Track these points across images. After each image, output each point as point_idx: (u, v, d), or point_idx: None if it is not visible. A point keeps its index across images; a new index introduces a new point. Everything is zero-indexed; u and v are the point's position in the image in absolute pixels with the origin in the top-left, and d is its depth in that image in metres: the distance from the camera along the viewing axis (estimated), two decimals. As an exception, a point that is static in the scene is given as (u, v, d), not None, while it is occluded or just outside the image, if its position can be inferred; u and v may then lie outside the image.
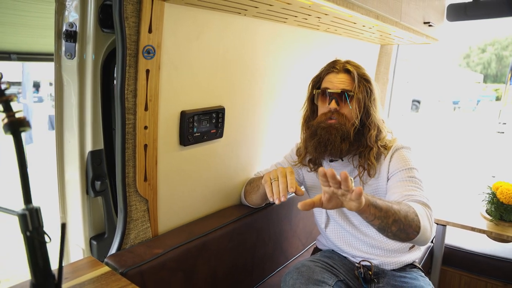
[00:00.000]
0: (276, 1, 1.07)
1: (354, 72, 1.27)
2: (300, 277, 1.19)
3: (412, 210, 1.05)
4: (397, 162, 1.27)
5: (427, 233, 1.07)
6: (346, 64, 1.32)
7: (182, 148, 1.27)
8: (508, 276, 1.81)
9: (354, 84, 1.26)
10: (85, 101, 1.09)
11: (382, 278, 1.35)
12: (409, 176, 1.23)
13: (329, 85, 1.29)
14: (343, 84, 1.27)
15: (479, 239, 1.97)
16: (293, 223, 1.78)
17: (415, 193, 1.17)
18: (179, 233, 1.26)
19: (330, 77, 1.30)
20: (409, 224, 1.02)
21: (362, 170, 1.30)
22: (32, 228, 0.59)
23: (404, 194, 1.17)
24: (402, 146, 1.30)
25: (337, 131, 1.24)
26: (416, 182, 1.22)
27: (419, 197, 1.15)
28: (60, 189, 1.19)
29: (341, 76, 1.29)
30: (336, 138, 1.23)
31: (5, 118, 0.56)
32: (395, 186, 1.23)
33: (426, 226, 1.06)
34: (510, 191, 1.62)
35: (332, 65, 1.33)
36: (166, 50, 1.10)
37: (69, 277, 0.95)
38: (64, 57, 1.06)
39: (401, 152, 1.29)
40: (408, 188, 1.19)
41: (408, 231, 1.03)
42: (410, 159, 1.27)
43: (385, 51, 2.50)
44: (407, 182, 1.22)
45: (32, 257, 0.60)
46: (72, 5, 1.02)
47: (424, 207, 1.11)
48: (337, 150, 1.25)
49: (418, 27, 1.76)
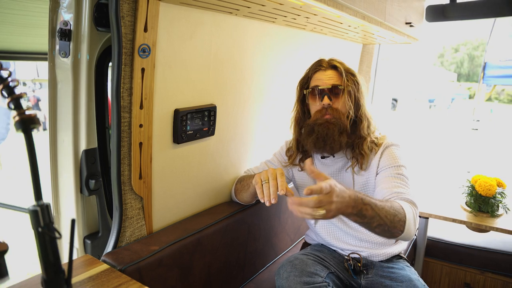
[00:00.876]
0: (269, 1, 1.10)
1: (341, 67, 1.32)
2: (294, 270, 1.22)
3: (402, 212, 1.10)
4: (386, 158, 1.32)
5: (411, 232, 1.13)
6: (331, 61, 1.37)
7: (176, 146, 1.28)
8: (485, 264, 1.91)
9: (342, 78, 1.31)
10: (79, 100, 1.09)
11: (371, 269, 1.40)
12: (397, 173, 1.29)
13: (318, 83, 1.33)
14: (332, 80, 1.32)
15: (459, 231, 2.07)
16: (282, 219, 1.81)
17: (403, 190, 1.23)
18: (173, 230, 1.27)
19: (318, 75, 1.35)
20: (394, 226, 1.07)
21: (355, 162, 1.34)
22: (43, 224, 0.60)
23: (393, 191, 1.22)
24: (392, 144, 1.36)
25: (334, 126, 1.28)
26: (403, 180, 1.27)
27: (407, 195, 1.20)
28: (54, 188, 1.19)
29: (329, 72, 1.33)
30: (334, 132, 1.27)
31: (16, 115, 0.57)
32: (383, 182, 1.28)
33: (410, 226, 1.11)
34: (487, 184, 1.71)
35: (318, 63, 1.38)
36: (161, 49, 1.11)
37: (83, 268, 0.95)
38: (59, 55, 1.05)
39: (391, 149, 1.34)
40: (396, 184, 1.25)
41: (392, 231, 1.08)
42: (399, 156, 1.33)
43: (367, 50, 2.57)
44: (395, 178, 1.27)
45: (43, 253, 0.61)
46: (67, 4, 1.01)
47: (411, 206, 1.17)
48: (337, 144, 1.28)
49: (400, 27, 1.83)
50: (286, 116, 1.88)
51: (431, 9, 2.22)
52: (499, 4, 1.93)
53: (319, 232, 1.50)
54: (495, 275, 1.88)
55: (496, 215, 1.73)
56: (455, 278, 2.00)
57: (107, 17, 1.04)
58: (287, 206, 1.80)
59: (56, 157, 1.16)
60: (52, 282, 0.62)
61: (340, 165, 1.40)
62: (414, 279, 1.33)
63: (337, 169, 1.41)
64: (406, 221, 1.09)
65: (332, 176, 1.41)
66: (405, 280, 1.32)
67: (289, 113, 1.50)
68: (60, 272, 0.63)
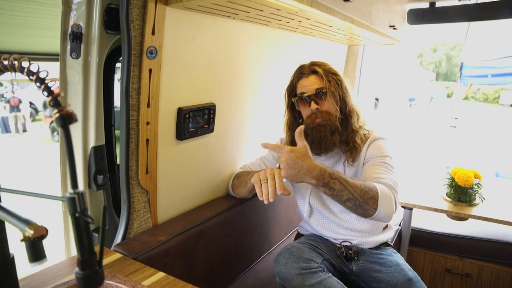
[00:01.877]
0: (267, 7, 1.18)
1: (321, 71, 1.41)
2: (291, 257, 1.31)
3: (374, 190, 1.20)
4: (373, 149, 1.43)
5: (387, 212, 1.22)
6: (311, 66, 1.45)
7: (179, 142, 1.35)
8: (463, 250, 2.05)
9: (324, 81, 1.40)
10: (89, 99, 1.15)
11: (361, 256, 1.51)
12: (381, 161, 1.39)
13: (303, 90, 1.43)
14: (315, 85, 1.41)
15: (440, 221, 2.20)
16: (276, 212, 1.90)
17: (383, 176, 1.32)
18: (177, 223, 1.34)
19: (302, 82, 1.44)
20: (366, 202, 1.18)
21: (349, 155, 1.44)
22: (79, 210, 0.67)
23: (373, 176, 1.32)
24: (379, 137, 1.47)
25: (325, 127, 1.37)
26: (387, 167, 1.37)
27: (386, 180, 1.30)
28: (63, 183, 1.24)
29: (311, 78, 1.43)
30: (326, 134, 1.37)
31: (56, 112, 0.64)
32: (366, 170, 1.39)
33: (384, 205, 1.20)
34: (466, 176, 1.85)
35: (300, 71, 1.47)
36: (166, 50, 1.18)
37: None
38: (70, 57, 1.11)
39: (377, 142, 1.45)
40: (377, 171, 1.35)
41: (365, 208, 1.20)
42: (385, 148, 1.44)
43: (352, 51, 2.69)
44: (378, 166, 1.37)
45: (79, 236, 0.67)
46: (78, 8, 1.07)
47: (388, 188, 1.26)
48: (331, 144, 1.39)
49: (384, 30, 1.94)
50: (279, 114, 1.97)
51: (413, 12, 2.35)
52: (474, 9, 2.08)
53: (312, 224, 1.60)
54: (473, 260, 2.03)
55: (473, 204, 1.87)
56: (437, 264, 2.13)
57: (116, 21, 1.11)
58: (280, 201, 1.90)
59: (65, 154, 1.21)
60: (86, 263, 0.69)
61: (333, 161, 1.50)
62: (401, 263, 1.44)
63: (331, 163, 1.50)
64: (379, 199, 1.19)
65: None
66: (393, 265, 1.43)
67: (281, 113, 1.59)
68: (93, 254, 0.70)
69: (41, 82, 0.65)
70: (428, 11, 2.30)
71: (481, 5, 2.08)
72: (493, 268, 1.97)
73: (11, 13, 1.53)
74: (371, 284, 1.42)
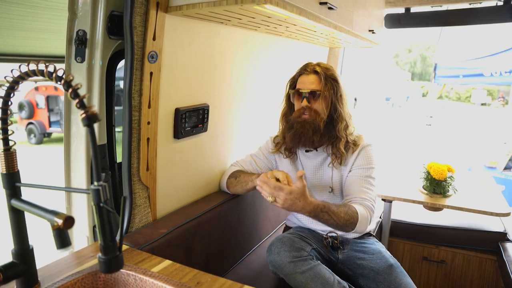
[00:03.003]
0: (258, 14, 1.28)
1: (322, 73, 1.52)
2: (283, 246, 1.41)
3: (355, 217, 1.38)
4: (361, 158, 1.54)
5: (362, 229, 1.43)
6: (315, 67, 1.55)
7: (176, 141, 1.43)
8: (439, 239, 2.21)
9: (321, 83, 1.51)
10: (92, 101, 1.21)
11: (346, 245, 1.62)
12: (366, 175, 1.52)
13: (301, 86, 1.53)
14: (313, 85, 1.51)
15: (417, 212, 2.36)
16: (264, 207, 2.00)
17: (366, 196, 1.48)
18: (175, 217, 1.42)
19: (302, 79, 1.54)
20: (346, 226, 1.37)
21: (334, 158, 1.55)
22: (103, 200, 0.75)
23: (360, 196, 1.47)
24: (368, 144, 1.58)
25: (309, 125, 1.48)
26: (370, 183, 1.52)
27: (368, 202, 1.46)
28: (67, 180, 1.30)
29: (311, 77, 1.53)
30: (308, 131, 1.47)
31: (83, 113, 0.71)
32: (352, 182, 1.52)
33: (361, 226, 1.40)
34: (440, 169, 2.00)
35: (304, 67, 1.57)
36: (166, 55, 1.26)
37: (95, 255, 1.08)
38: (75, 60, 1.17)
39: (367, 149, 1.56)
40: (362, 190, 1.49)
41: (343, 229, 1.41)
42: (372, 157, 1.56)
43: (333, 53, 2.82)
44: (363, 182, 1.51)
45: (102, 224, 0.75)
46: (83, 15, 1.14)
47: (367, 210, 1.43)
48: (310, 141, 1.49)
49: (364, 34, 2.07)
50: (266, 114, 2.07)
51: (389, 17, 2.50)
52: (444, 16, 2.25)
53: (300, 218, 1.71)
54: (447, 248, 2.19)
55: (447, 195, 2.02)
56: (415, 253, 2.29)
57: (118, 27, 1.18)
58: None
59: (69, 152, 1.27)
60: (108, 248, 0.77)
61: (321, 159, 1.60)
62: (382, 251, 1.57)
63: (319, 162, 1.60)
64: (357, 224, 1.39)
65: (314, 168, 1.61)
66: (375, 253, 1.55)
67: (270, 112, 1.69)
68: (114, 241, 0.78)
69: (68, 86, 0.73)
70: (403, 16, 2.46)
71: (450, 12, 2.25)
72: (465, 254, 2.14)
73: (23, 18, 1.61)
74: (356, 271, 1.54)
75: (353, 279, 1.54)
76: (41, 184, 0.84)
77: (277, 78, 2.08)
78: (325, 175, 1.60)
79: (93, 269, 0.99)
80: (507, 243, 2.03)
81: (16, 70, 0.77)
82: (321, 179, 1.61)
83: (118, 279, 0.99)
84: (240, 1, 1.04)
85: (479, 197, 2.05)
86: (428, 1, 2.36)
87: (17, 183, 0.85)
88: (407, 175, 2.43)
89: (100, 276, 0.99)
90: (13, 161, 0.85)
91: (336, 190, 1.60)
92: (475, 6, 2.20)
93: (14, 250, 0.87)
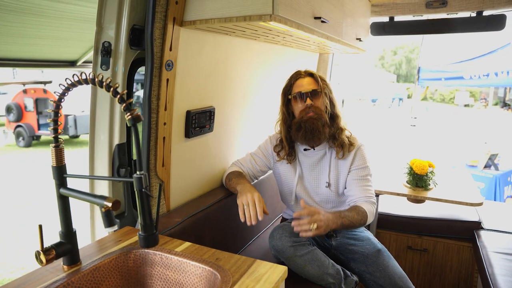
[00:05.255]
0: (261, 28, 1.45)
1: (317, 75, 1.71)
2: (284, 232, 1.58)
3: (366, 216, 1.59)
4: (359, 159, 1.73)
5: (370, 221, 1.65)
6: (308, 70, 1.75)
7: (187, 140, 1.60)
8: (421, 229, 2.42)
9: (319, 83, 1.69)
10: (115, 104, 1.37)
11: (339, 233, 1.80)
12: (365, 174, 1.72)
13: (300, 88, 1.70)
14: (312, 85, 1.69)
15: (402, 205, 2.57)
16: (263, 201, 2.17)
17: (369, 194, 1.69)
18: (187, 208, 1.58)
19: (299, 82, 1.71)
20: (360, 224, 1.60)
21: (339, 149, 1.71)
22: (144, 186, 0.91)
23: (364, 195, 1.68)
24: (362, 144, 1.77)
25: (317, 120, 1.64)
26: (368, 180, 1.73)
27: (372, 198, 1.69)
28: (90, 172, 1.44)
29: (308, 79, 1.71)
30: (318, 125, 1.64)
31: (129, 115, 0.87)
32: (355, 184, 1.71)
33: (369, 221, 1.63)
34: (421, 165, 2.21)
35: (297, 73, 1.75)
36: (179, 63, 1.42)
37: (122, 239, 1.23)
38: (100, 68, 1.32)
39: (361, 149, 1.75)
40: (365, 188, 1.70)
41: (357, 227, 1.63)
42: (367, 157, 1.75)
43: (323, 59, 3.02)
44: (363, 181, 1.71)
45: (142, 206, 0.91)
46: (109, 28, 1.29)
47: (373, 206, 1.66)
48: (322, 135, 1.65)
49: (352, 42, 2.26)
50: (265, 115, 2.25)
51: (375, 25, 2.70)
52: (425, 24, 2.46)
53: (297, 209, 1.87)
54: (429, 237, 2.40)
55: (428, 189, 2.23)
56: (400, 243, 2.49)
57: (138, 39, 1.34)
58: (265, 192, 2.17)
59: (93, 150, 1.42)
60: (147, 227, 0.93)
61: (319, 156, 1.77)
62: (371, 238, 1.76)
63: (316, 160, 1.78)
64: (367, 221, 1.62)
65: (311, 165, 1.78)
66: (364, 239, 1.74)
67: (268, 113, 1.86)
68: (152, 220, 0.94)
69: (116, 93, 0.89)
70: (388, 25, 2.66)
71: (430, 21, 2.46)
72: (445, 242, 2.35)
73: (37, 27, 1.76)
74: (347, 255, 1.72)
75: (345, 263, 1.72)
76: (86, 174, 0.99)
77: (273, 82, 2.26)
78: (322, 172, 1.77)
79: (123, 250, 1.15)
80: (481, 231, 2.25)
81: (69, 79, 0.93)
82: (318, 176, 1.78)
83: (146, 258, 1.15)
84: (248, 18, 1.21)
85: (456, 190, 2.26)
86: (410, 11, 2.58)
87: (64, 174, 1.01)
88: (393, 172, 2.64)
89: (130, 256, 1.14)
90: (61, 155, 1.00)
91: (333, 186, 1.76)
92: (452, 17, 2.42)
93: (61, 232, 1.03)
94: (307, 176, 1.79)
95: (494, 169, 4.96)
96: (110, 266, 1.09)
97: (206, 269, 1.05)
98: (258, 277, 1.01)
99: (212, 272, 1.03)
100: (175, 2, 1.31)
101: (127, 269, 1.13)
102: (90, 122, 1.39)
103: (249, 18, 1.21)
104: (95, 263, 1.06)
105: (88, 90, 1.35)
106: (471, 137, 9.42)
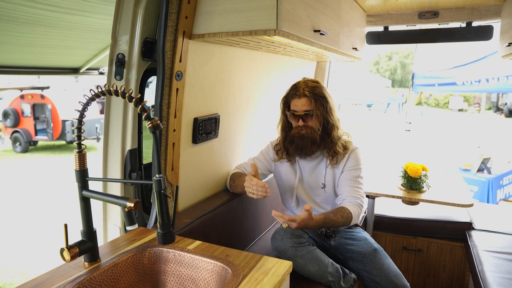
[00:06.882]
0: (264, 41, 1.55)
1: (311, 95, 1.75)
2: (286, 233, 1.67)
3: (350, 217, 1.68)
4: (352, 160, 1.82)
5: (355, 222, 1.74)
6: (305, 89, 1.77)
7: (194, 145, 1.69)
8: (416, 230, 2.52)
9: (312, 104, 1.75)
10: (127, 112, 1.46)
11: (337, 234, 1.90)
12: (356, 175, 1.81)
13: (295, 108, 1.78)
14: (305, 107, 1.76)
15: (397, 207, 2.66)
16: (263, 205, 2.26)
17: (357, 195, 1.78)
18: (194, 210, 1.67)
19: (295, 102, 1.78)
20: (343, 225, 1.70)
21: (331, 159, 1.81)
22: (163, 188, 1.00)
23: (352, 195, 1.77)
24: (356, 147, 1.87)
25: (308, 139, 1.75)
26: (359, 182, 1.82)
27: (359, 199, 1.77)
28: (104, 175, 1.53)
29: (302, 100, 1.76)
30: (307, 143, 1.75)
31: (150, 123, 0.96)
32: (344, 183, 1.81)
33: (354, 221, 1.72)
34: (415, 169, 2.31)
35: (294, 90, 1.79)
36: (188, 73, 1.52)
37: (136, 239, 1.31)
38: (114, 78, 1.41)
39: (355, 152, 1.85)
40: (354, 189, 1.79)
41: (343, 227, 1.78)
42: (360, 159, 1.85)
43: (321, 67, 3.12)
44: (354, 182, 1.80)
45: (161, 206, 1.00)
46: (122, 41, 1.39)
47: (359, 208, 1.74)
48: (310, 151, 1.78)
49: (349, 52, 2.37)
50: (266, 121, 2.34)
51: (370, 35, 2.82)
52: (418, 34, 2.58)
53: (298, 213, 1.96)
54: (423, 238, 2.50)
55: (422, 191, 2.33)
56: (396, 244, 2.58)
57: (150, 51, 1.43)
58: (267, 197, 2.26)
59: (107, 155, 1.50)
60: (165, 225, 1.02)
61: (316, 161, 1.87)
62: (368, 238, 1.85)
63: (315, 164, 1.87)
64: (351, 221, 1.70)
65: (311, 169, 1.88)
66: (362, 239, 1.83)
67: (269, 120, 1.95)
68: (169, 219, 1.03)
69: (137, 103, 0.98)
70: (383, 34, 2.78)
71: (423, 31, 2.58)
72: (438, 243, 2.45)
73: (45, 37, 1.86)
74: (346, 255, 1.82)
75: (344, 262, 1.81)
76: (107, 177, 1.08)
77: (274, 89, 2.36)
78: (319, 175, 1.87)
79: (139, 248, 1.23)
80: (472, 231, 2.36)
81: (94, 90, 1.02)
82: (316, 178, 1.88)
83: (160, 255, 1.23)
84: (254, 33, 1.31)
85: (449, 192, 2.37)
86: (404, 21, 2.70)
87: (86, 178, 1.09)
88: (388, 175, 2.74)
89: (145, 253, 1.23)
90: (84, 160, 1.09)
91: (328, 187, 1.86)
92: (443, 27, 2.54)
93: (83, 231, 1.11)
94: (307, 179, 1.89)
95: (487, 172, 5.08)
96: (127, 263, 1.17)
97: (217, 264, 1.13)
98: (266, 270, 1.10)
99: (223, 267, 1.12)
100: (185, 17, 1.41)
101: (142, 266, 1.21)
102: (104, 129, 1.48)
103: (255, 32, 1.31)
104: (114, 260, 1.14)
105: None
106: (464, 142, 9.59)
